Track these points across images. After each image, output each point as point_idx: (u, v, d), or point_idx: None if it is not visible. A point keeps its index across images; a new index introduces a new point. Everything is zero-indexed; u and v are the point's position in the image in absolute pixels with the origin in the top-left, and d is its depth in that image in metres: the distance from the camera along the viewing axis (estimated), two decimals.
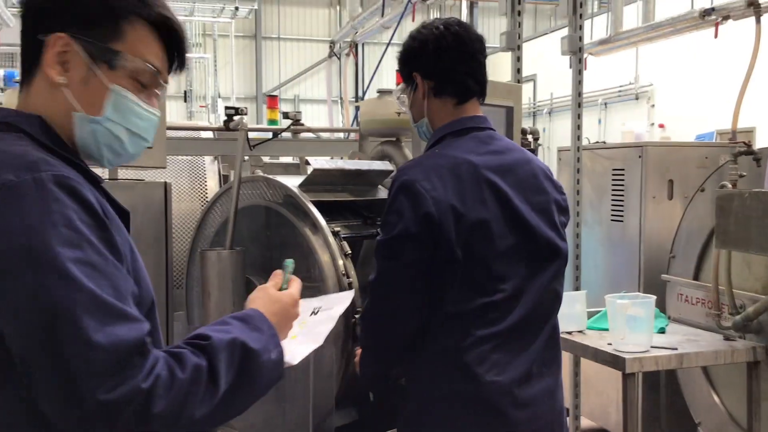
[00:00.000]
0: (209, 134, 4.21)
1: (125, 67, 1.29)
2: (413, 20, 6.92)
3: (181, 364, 1.18)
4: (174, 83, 16.47)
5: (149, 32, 1.31)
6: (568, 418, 4.56)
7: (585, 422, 4.89)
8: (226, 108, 3.15)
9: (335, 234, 2.54)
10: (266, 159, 4.44)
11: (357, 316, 2.39)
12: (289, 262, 1.59)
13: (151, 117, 1.36)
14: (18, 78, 1.38)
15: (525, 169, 2.10)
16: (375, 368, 2.22)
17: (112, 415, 1.10)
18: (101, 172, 3.26)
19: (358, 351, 2.27)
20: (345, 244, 2.55)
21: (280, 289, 1.53)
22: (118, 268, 1.19)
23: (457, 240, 1.93)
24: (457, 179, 1.96)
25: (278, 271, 1.57)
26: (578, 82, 4.60)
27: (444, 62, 2.08)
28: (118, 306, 1.14)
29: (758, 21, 4.65)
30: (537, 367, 2.04)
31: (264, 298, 1.48)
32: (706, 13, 5.12)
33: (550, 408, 2.07)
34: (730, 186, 3.51)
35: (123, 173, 3.17)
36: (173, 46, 1.35)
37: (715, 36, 5.15)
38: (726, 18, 4.97)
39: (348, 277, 2.51)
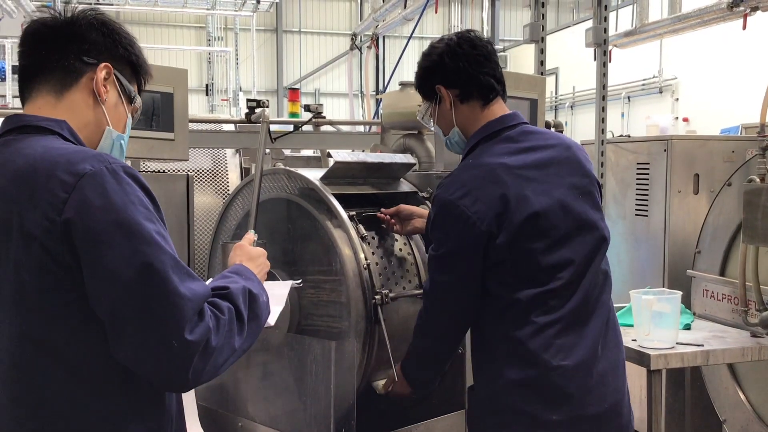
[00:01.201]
0: (231, 127, 4.21)
1: (135, 105, 1.70)
2: (436, 12, 6.89)
3: (219, 309, 1.49)
4: (196, 77, 16.55)
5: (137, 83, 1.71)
6: None
7: None
8: (248, 100, 3.14)
9: (353, 220, 2.54)
10: (287, 152, 4.44)
11: (377, 297, 2.44)
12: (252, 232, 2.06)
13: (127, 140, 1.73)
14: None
15: (565, 155, 2.16)
16: (425, 374, 2.35)
17: (192, 351, 1.39)
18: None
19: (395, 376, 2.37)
20: (362, 227, 2.55)
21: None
22: (171, 241, 1.48)
23: (506, 244, 2.01)
24: (495, 185, 2.03)
25: (250, 232, 2.07)
26: (603, 75, 4.54)
27: (464, 67, 2.16)
28: (187, 267, 1.46)
29: None
30: (601, 349, 2.10)
31: (243, 255, 1.89)
32: (734, 4, 5.04)
33: (615, 389, 2.13)
34: (758, 180, 3.45)
35: (145, 165, 3.17)
36: (140, 91, 1.75)
37: (744, 27, 5.07)
38: (755, 9, 4.89)
39: (367, 270, 2.49)
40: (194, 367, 1.40)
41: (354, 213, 2.59)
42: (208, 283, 1.65)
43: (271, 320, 1.90)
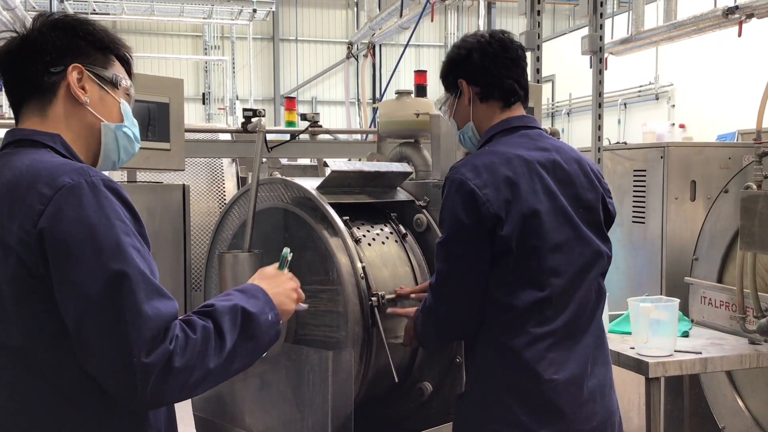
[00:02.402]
0: (227, 136, 4.21)
1: (123, 86, 1.66)
2: (432, 20, 6.90)
3: (191, 327, 1.45)
4: (193, 86, 16.57)
5: (117, 62, 1.67)
6: None
7: None
8: (244, 110, 3.14)
9: (348, 225, 2.54)
10: (284, 161, 4.44)
11: (373, 298, 2.43)
12: (286, 251, 1.86)
13: (136, 122, 1.71)
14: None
15: (574, 167, 2.15)
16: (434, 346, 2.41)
17: (148, 373, 1.36)
18: (120, 176, 3.25)
19: (408, 327, 2.35)
20: (356, 230, 2.54)
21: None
22: (150, 255, 1.46)
23: (511, 233, 1.99)
24: (508, 173, 2.02)
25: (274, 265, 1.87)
26: (599, 82, 4.55)
27: (490, 67, 2.16)
28: (158, 285, 1.43)
29: None
30: (590, 366, 2.09)
31: (259, 276, 1.78)
32: (729, 11, 5.06)
33: (603, 407, 2.10)
34: (755, 187, 3.45)
35: (141, 176, 3.17)
36: (129, 71, 1.71)
37: (739, 35, 5.09)
38: (750, 16, 4.90)
39: (364, 279, 2.48)
40: (153, 388, 1.37)
41: (352, 224, 2.58)
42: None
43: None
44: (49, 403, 1.44)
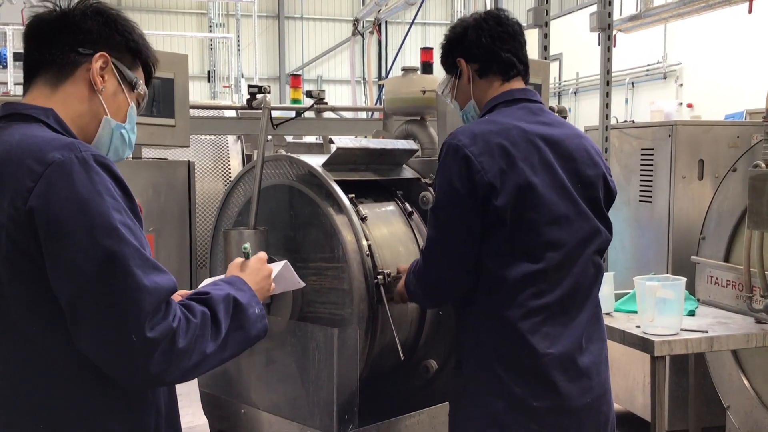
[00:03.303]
0: (232, 113, 4.19)
1: (138, 91, 1.66)
2: None
3: (191, 311, 1.47)
4: (198, 64, 16.50)
5: (141, 69, 1.68)
6: None
7: None
8: (249, 86, 3.12)
9: (354, 203, 2.53)
10: (289, 138, 4.42)
11: (379, 276, 2.43)
12: (246, 246, 1.93)
13: (136, 130, 1.70)
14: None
15: (575, 142, 2.14)
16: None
17: (152, 349, 1.36)
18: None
19: (400, 286, 2.37)
20: (362, 209, 2.53)
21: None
22: (142, 232, 1.45)
23: (506, 203, 1.98)
24: (506, 143, 2.01)
25: (261, 253, 1.89)
26: (607, 60, 4.51)
27: (486, 42, 2.16)
28: (153, 259, 1.42)
29: None
30: (585, 342, 2.08)
31: (235, 269, 1.81)
32: None
33: (597, 383, 2.10)
34: (763, 165, 3.42)
35: (146, 153, 3.16)
36: (148, 79, 1.73)
37: (750, 11, 5.02)
38: None
39: (370, 257, 2.48)
40: (155, 365, 1.37)
41: (358, 202, 2.57)
42: (201, 285, 1.67)
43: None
44: (46, 385, 1.42)
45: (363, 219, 2.52)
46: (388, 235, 2.63)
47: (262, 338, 1.66)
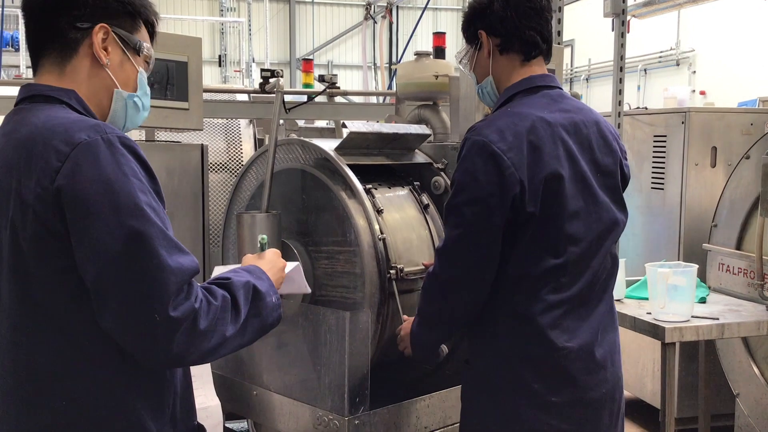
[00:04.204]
0: (245, 98, 4.20)
1: (145, 54, 1.63)
2: None
3: (212, 294, 1.50)
4: (209, 48, 16.49)
5: (144, 26, 1.65)
6: None
7: None
8: (262, 70, 3.12)
9: (370, 193, 2.53)
10: (301, 123, 4.42)
11: (392, 271, 2.40)
12: (263, 237, 1.96)
13: (149, 92, 1.69)
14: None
15: (594, 129, 2.09)
16: (430, 337, 2.20)
17: (174, 329, 1.38)
18: (138, 134, 3.25)
19: (404, 327, 2.30)
20: (377, 200, 2.53)
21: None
22: (165, 214, 1.47)
23: (533, 199, 1.91)
24: (532, 137, 1.94)
25: (272, 250, 1.93)
26: (620, 45, 4.48)
27: (511, 17, 2.05)
28: (177, 240, 1.44)
29: None
30: (601, 334, 2.06)
31: (252, 260, 1.86)
32: None
33: (612, 373, 2.09)
34: None
35: (159, 135, 3.17)
36: (152, 37, 1.70)
37: None
38: None
39: (382, 241, 2.48)
40: (177, 345, 1.39)
41: (370, 186, 2.58)
42: (215, 273, 1.70)
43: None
44: (68, 361, 1.45)
45: (375, 205, 2.52)
46: (400, 220, 2.64)
47: (275, 327, 1.69)
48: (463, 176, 1.96)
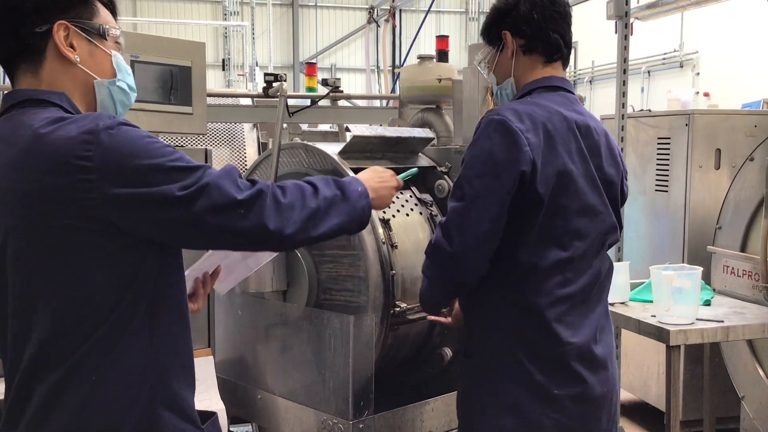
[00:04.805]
0: (248, 102, 4.20)
1: (112, 35, 1.60)
2: None
3: (283, 184, 1.60)
4: (212, 52, 16.51)
5: (102, 6, 1.61)
6: None
7: (624, 395, 4.84)
8: (266, 74, 3.12)
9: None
10: (304, 127, 4.43)
11: (393, 272, 2.41)
12: (414, 170, 2.15)
13: (130, 70, 1.67)
14: None
15: (603, 139, 2.12)
16: (436, 299, 2.18)
17: (260, 205, 1.51)
18: None
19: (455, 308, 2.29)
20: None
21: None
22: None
23: (543, 182, 1.93)
24: (549, 125, 1.98)
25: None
26: (624, 48, 4.46)
27: (537, 18, 2.10)
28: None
29: None
30: (599, 333, 2.09)
31: (366, 172, 1.91)
32: None
33: (611, 373, 2.12)
34: None
35: (163, 140, 3.17)
36: (114, 14, 1.66)
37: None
38: None
39: (386, 245, 2.48)
40: (270, 220, 1.51)
41: None
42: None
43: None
44: (104, 326, 1.45)
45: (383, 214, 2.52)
46: (404, 223, 2.64)
47: (367, 216, 1.75)
48: (478, 152, 1.97)
